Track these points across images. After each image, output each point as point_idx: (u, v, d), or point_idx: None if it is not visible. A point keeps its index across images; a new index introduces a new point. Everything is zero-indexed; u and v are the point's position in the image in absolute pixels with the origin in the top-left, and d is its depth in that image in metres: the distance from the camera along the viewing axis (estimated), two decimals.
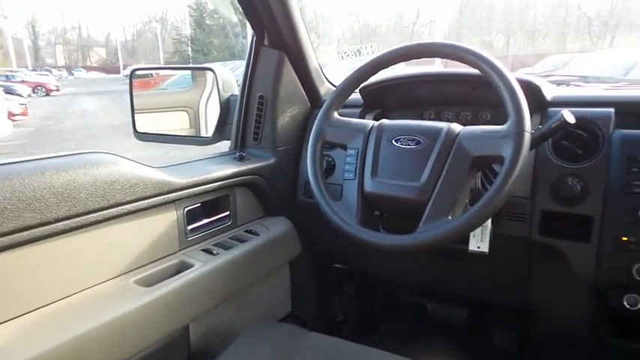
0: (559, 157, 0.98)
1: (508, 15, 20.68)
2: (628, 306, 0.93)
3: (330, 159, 1.21)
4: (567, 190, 0.94)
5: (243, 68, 1.29)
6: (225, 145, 1.34)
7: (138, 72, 1.50)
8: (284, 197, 1.29)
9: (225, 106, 1.35)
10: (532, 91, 1.01)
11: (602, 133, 0.95)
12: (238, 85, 1.35)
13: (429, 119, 1.18)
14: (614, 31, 18.41)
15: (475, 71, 0.88)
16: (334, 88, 1.11)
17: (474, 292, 1.33)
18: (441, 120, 1.15)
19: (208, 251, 1.06)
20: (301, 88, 1.30)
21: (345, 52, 1.50)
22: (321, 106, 1.04)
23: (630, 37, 17.36)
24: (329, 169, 1.21)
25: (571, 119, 0.85)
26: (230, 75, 1.41)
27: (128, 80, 1.44)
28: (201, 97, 1.50)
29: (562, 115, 0.85)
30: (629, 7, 17.78)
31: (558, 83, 1.27)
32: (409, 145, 0.90)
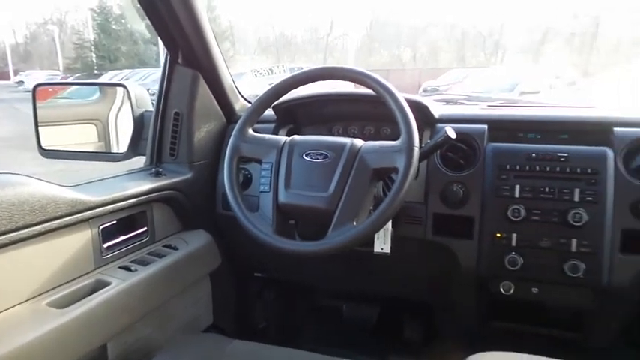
0: (446, 166, 1.13)
1: (414, 31, 22.04)
2: (503, 291, 1.10)
3: (246, 172, 1.27)
4: (453, 195, 1.10)
5: (154, 76, 1.30)
6: (138, 161, 1.34)
7: (41, 87, 1.43)
8: (202, 211, 1.32)
9: (140, 122, 1.35)
10: (422, 110, 1.16)
11: (479, 146, 1.12)
12: (152, 94, 1.36)
13: (338, 134, 1.29)
14: (505, 49, 20.40)
15: None
16: (249, 105, 1.18)
17: (383, 291, 1.46)
18: (348, 134, 1.27)
19: (126, 268, 1.06)
20: (216, 104, 1.35)
21: (258, 71, 1.59)
22: (236, 122, 1.10)
23: (518, 56, 19.35)
24: (245, 182, 1.27)
25: (452, 135, 1.00)
26: (143, 91, 1.41)
27: (31, 95, 1.38)
28: (111, 111, 1.47)
29: (445, 132, 0.99)
30: (515, 28, 19.84)
31: (447, 101, 1.45)
32: (318, 159, 1.00)
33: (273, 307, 1.65)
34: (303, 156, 1.01)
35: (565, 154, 1.05)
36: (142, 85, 1.47)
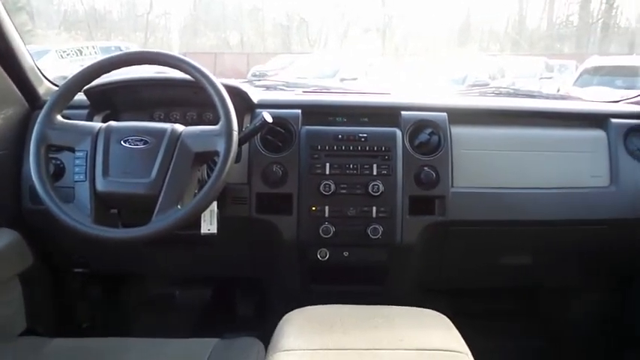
0: (266, 149, 1.22)
1: (240, 14, 21.92)
2: (320, 258, 1.24)
3: (58, 162, 1.19)
4: (273, 175, 1.19)
5: None
6: None
7: None
8: (5, 207, 1.19)
9: None
10: (241, 96, 1.22)
11: (294, 129, 1.23)
12: None
13: (159, 120, 1.27)
14: (327, 37, 21.75)
15: None
16: (56, 89, 1.10)
17: (215, 272, 1.50)
18: (170, 120, 1.27)
19: None
20: (15, 88, 1.21)
21: (64, 51, 1.45)
22: (42, 107, 1.02)
23: (338, 44, 20.85)
24: (58, 173, 1.18)
25: (269, 119, 1.08)
26: None
27: None
28: None
29: (263, 116, 1.08)
30: (339, 16, 21.33)
31: (267, 87, 1.54)
32: (137, 145, 0.99)
33: (99, 304, 1.57)
34: (122, 142, 0.99)
35: (365, 135, 1.23)
36: None
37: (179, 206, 0.95)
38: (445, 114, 1.28)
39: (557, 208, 1.27)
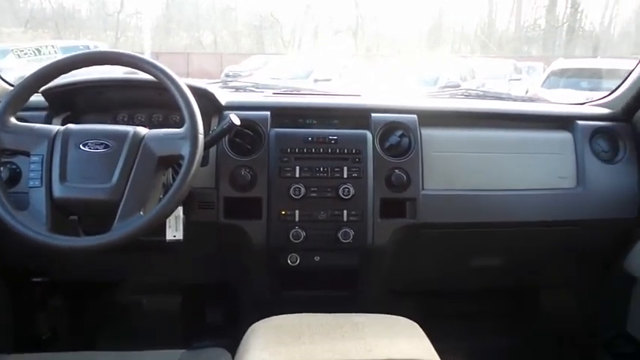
0: (235, 152, 1.19)
1: (213, 13, 21.69)
2: (291, 263, 1.22)
3: (14, 166, 1.13)
4: (241, 179, 1.16)
5: None
6: None
7: None
8: None
9: None
10: (207, 97, 1.19)
11: (263, 132, 1.21)
12: None
13: (123, 122, 1.23)
14: (301, 37, 21.73)
15: None
16: (11, 89, 1.05)
17: (183, 278, 1.46)
18: (135, 122, 1.22)
19: None
20: None
21: (21, 51, 1.39)
22: None
23: (311, 44, 20.88)
24: (14, 178, 1.13)
25: (237, 121, 1.06)
26: None
27: None
28: None
29: (230, 119, 1.05)
30: (312, 18, 21.32)
31: (237, 89, 1.51)
32: (98, 149, 0.95)
33: (61, 314, 1.51)
34: (80, 146, 0.95)
35: (335, 137, 1.21)
36: None
37: (142, 212, 0.92)
38: (415, 116, 1.28)
39: (527, 210, 1.28)
